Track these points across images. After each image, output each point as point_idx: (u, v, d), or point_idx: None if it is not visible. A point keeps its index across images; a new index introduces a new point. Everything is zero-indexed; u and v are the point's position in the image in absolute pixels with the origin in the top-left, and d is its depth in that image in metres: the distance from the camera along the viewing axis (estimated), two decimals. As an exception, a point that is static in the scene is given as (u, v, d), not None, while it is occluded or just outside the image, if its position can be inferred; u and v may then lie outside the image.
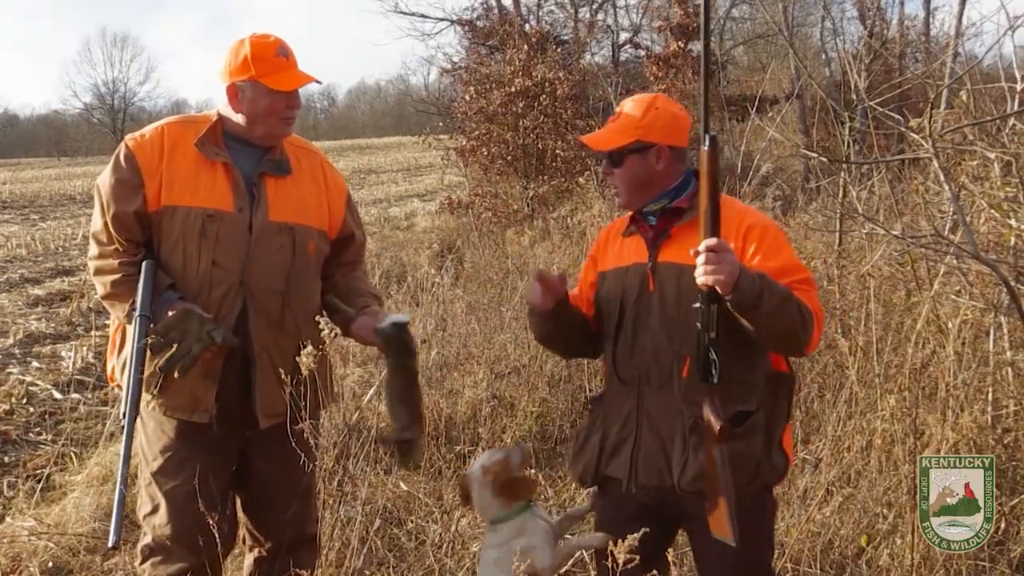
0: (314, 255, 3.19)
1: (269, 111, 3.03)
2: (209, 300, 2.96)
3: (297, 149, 3.25)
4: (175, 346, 2.82)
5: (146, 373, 2.91)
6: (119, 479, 2.83)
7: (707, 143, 2.52)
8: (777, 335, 2.55)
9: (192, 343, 2.82)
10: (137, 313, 2.89)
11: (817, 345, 2.65)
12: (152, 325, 2.90)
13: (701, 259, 2.42)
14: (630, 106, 2.81)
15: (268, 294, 3.04)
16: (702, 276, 2.42)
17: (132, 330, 2.91)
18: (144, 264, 2.93)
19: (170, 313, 2.87)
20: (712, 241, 2.42)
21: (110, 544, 2.77)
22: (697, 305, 2.51)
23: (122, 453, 2.88)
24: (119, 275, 2.96)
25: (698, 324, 2.51)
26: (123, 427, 2.88)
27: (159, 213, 2.97)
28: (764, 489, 2.76)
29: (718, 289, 2.42)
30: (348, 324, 3.18)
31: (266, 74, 2.97)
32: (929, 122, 3.55)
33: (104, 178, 3.01)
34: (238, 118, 3.05)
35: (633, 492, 2.71)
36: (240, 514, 3.32)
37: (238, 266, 2.99)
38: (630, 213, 2.88)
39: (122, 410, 2.88)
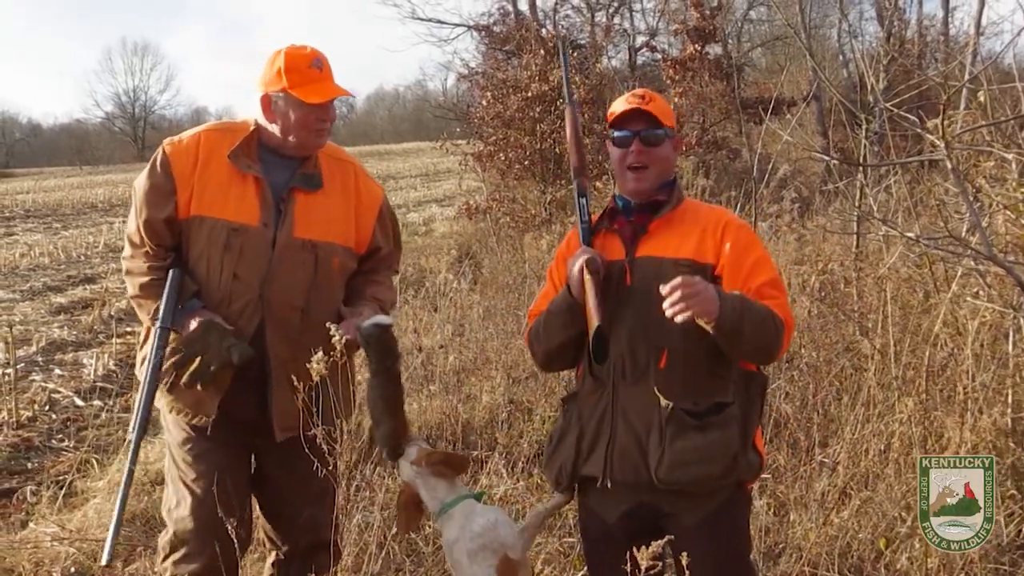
0: (338, 271, 3.18)
1: (301, 123, 3.01)
2: (229, 312, 2.98)
3: (331, 160, 3.22)
4: (197, 360, 2.86)
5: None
6: (119, 499, 2.88)
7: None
8: (752, 352, 2.61)
9: (212, 359, 2.86)
10: (158, 324, 2.93)
11: (784, 353, 2.67)
12: (173, 335, 2.96)
13: (675, 296, 2.39)
14: (656, 96, 2.83)
15: (287, 309, 3.04)
16: (681, 313, 2.40)
17: (151, 340, 2.95)
18: (171, 272, 2.97)
19: (192, 323, 2.91)
20: (678, 280, 2.40)
21: (103, 562, 2.81)
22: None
23: (126, 469, 2.92)
24: (147, 278, 3.01)
25: None
26: (131, 440, 2.90)
27: (188, 222, 3.01)
28: (739, 486, 2.75)
29: (701, 322, 2.43)
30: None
31: (298, 85, 2.96)
32: (943, 123, 3.53)
33: (140, 181, 3.05)
34: (273, 128, 3.05)
35: (609, 488, 2.69)
36: (259, 516, 3.36)
37: (257, 281, 3.00)
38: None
39: (132, 423, 2.91)
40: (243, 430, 3.09)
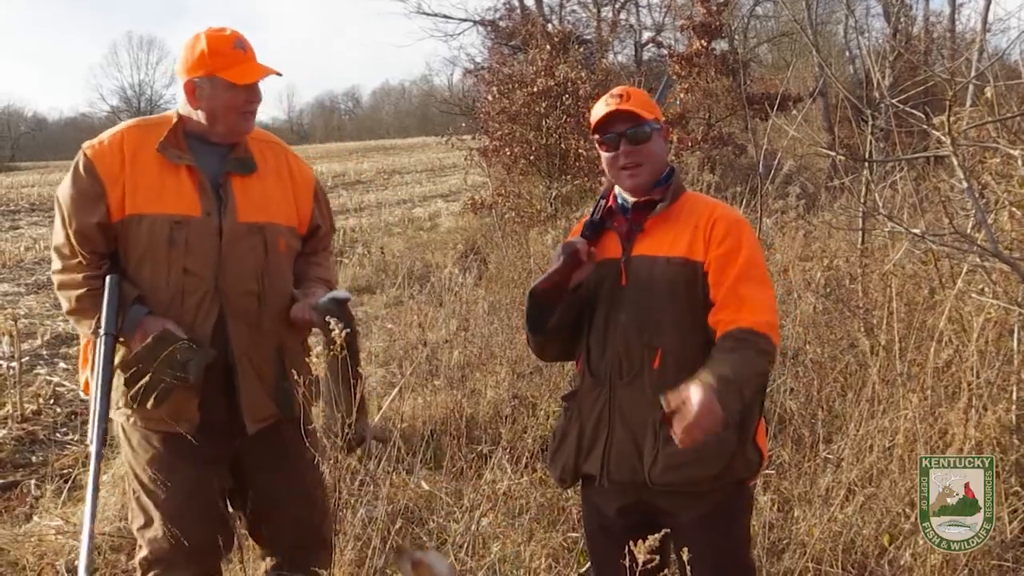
0: (285, 252, 3.10)
1: (228, 106, 2.92)
2: (183, 309, 2.88)
3: (260, 143, 3.14)
4: (148, 377, 2.76)
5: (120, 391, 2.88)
6: (87, 517, 2.78)
7: None
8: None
9: (163, 376, 2.75)
10: (102, 332, 2.81)
11: (778, 350, 2.69)
12: (118, 342, 2.84)
13: (685, 438, 2.33)
14: (634, 90, 2.79)
15: (244, 297, 2.96)
16: (697, 441, 2.33)
17: (98, 350, 2.84)
18: (108, 279, 2.85)
19: (143, 333, 2.80)
20: (688, 426, 2.30)
21: None
22: None
23: (90, 484, 2.82)
24: (84, 289, 2.88)
25: None
26: (90, 454, 2.82)
27: (124, 223, 2.88)
28: (738, 484, 2.73)
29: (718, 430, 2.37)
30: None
31: (224, 68, 2.87)
32: (949, 120, 3.52)
33: (64, 189, 2.93)
34: (198, 116, 2.96)
35: (606, 487, 2.70)
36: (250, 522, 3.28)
37: (211, 272, 2.90)
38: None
39: (90, 435, 2.83)
40: (217, 436, 2.97)
